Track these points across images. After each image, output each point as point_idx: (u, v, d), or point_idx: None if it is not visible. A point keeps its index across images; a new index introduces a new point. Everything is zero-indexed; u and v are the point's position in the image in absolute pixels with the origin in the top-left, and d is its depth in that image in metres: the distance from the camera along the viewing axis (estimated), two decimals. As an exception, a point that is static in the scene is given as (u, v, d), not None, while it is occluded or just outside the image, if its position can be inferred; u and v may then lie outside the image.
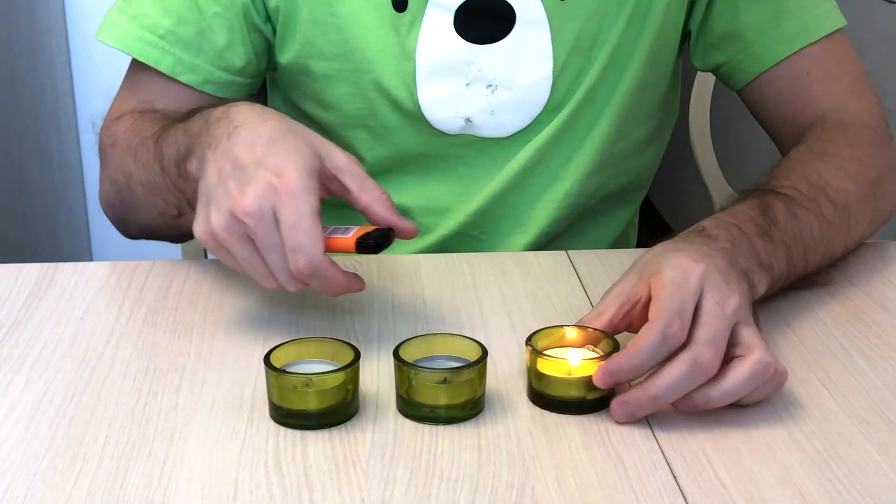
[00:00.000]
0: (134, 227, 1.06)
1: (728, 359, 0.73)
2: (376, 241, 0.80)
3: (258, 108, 0.85)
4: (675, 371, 0.72)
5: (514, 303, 0.90)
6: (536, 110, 1.06)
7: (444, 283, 0.95)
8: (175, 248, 1.34)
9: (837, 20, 1.06)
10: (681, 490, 0.66)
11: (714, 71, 1.12)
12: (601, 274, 0.96)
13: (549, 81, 1.05)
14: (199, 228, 0.80)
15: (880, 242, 1.03)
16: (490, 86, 1.05)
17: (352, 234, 0.80)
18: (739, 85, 1.09)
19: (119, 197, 1.03)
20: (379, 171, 1.10)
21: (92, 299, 0.92)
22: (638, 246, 1.25)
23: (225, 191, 0.78)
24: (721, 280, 0.76)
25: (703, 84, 1.41)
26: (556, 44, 1.04)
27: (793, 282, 0.90)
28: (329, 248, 0.79)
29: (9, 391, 0.78)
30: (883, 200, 1.00)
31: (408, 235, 0.82)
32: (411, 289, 0.94)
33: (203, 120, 0.86)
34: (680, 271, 0.76)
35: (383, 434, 0.72)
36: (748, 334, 0.75)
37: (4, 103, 1.91)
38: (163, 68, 1.04)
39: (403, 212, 1.10)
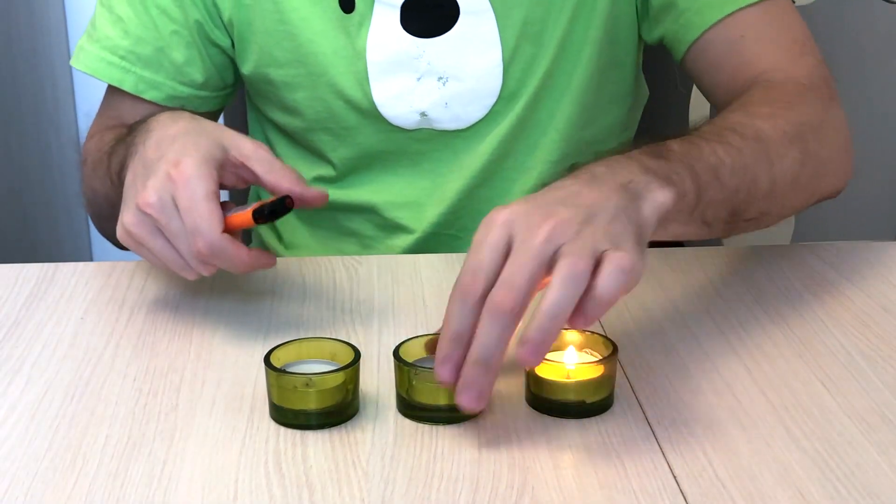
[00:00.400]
0: (114, 239, 1.08)
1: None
2: (271, 208, 0.81)
3: (176, 113, 0.90)
4: (481, 326, 0.67)
5: (514, 303, 0.90)
6: (491, 100, 1.07)
7: (445, 283, 0.95)
8: (175, 249, 1.34)
9: None
10: (681, 490, 0.66)
11: (659, 44, 1.10)
12: (601, 274, 0.95)
13: (500, 70, 1.05)
14: (118, 231, 0.84)
15: (880, 243, 1.03)
16: (441, 78, 1.05)
17: (249, 209, 0.83)
18: (679, 55, 1.07)
19: (92, 211, 1.09)
20: (345, 172, 1.12)
21: (92, 299, 0.92)
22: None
23: (134, 189, 0.83)
24: (528, 215, 0.70)
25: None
26: (503, 32, 1.04)
27: (729, 215, 0.85)
28: (230, 226, 0.82)
29: (9, 391, 0.78)
30: (817, 144, 0.95)
31: (317, 202, 0.84)
32: (411, 289, 0.94)
33: (136, 129, 0.91)
34: (482, 227, 0.70)
35: (383, 434, 0.72)
36: (568, 250, 0.67)
37: (4, 103, 1.91)
38: (126, 87, 1.09)
39: (372, 208, 1.12)
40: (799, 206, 0.96)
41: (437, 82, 1.05)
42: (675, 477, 0.68)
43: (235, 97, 1.17)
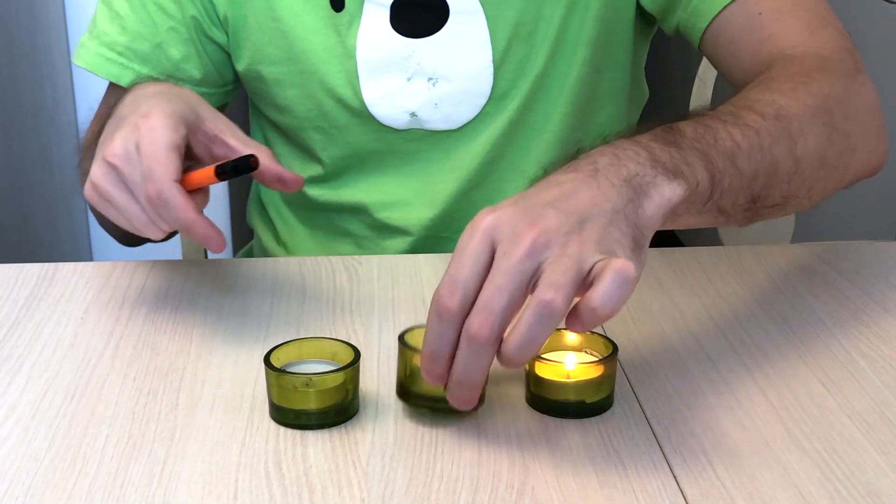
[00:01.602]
0: (112, 231, 1.09)
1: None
2: (234, 164, 0.80)
3: (158, 81, 0.91)
4: (461, 350, 0.66)
5: (514, 303, 0.90)
6: (481, 100, 1.07)
7: (444, 283, 0.95)
8: (175, 248, 1.34)
9: None
10: (681, 490, 0.66)
11: (678, 35, 1.07)
12: (601, 274, 0.95)
13: (490, 71, 1.05)
14: (86, 188, 0.82)
15: (880, 243, 1.04)
16: (431, 79, 1.05)
17: (211, 166, 0.81)
18: (696, 43, 1.05)
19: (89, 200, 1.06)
20: (337, 171, 1.12)
21: (92, 299, 0.92)
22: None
23: (103, 143, 0.82)
24: (514, 222, 0.66)
25: (704, 83, 1.41)
26: (493, 32, 1.04)
27: (749, 202, 0.80)
28: (192, 182, 0.81)
29: (9, 391, 0.78)
30: (843, 117, 0.89)
31: (292, 184, 0.82)
32: (411, 289, 0.94)
33: (121, 100, 0.90)
34: (467, 231, 0.68)
35: (383, 434, 0.72)
36: (550, 269, 0.65)
37: (4, 103, 1.91)
38: (124, 83, 1.09)
39: (364, 209, 1.12)
40: (830, 187, 0.90)
41: (426, 83, 1.05)
42: (675, 477, 0.68)
43: (236, 94, 1.17)
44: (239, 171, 0.79)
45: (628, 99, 1.15)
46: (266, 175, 0.82)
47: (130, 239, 1.06)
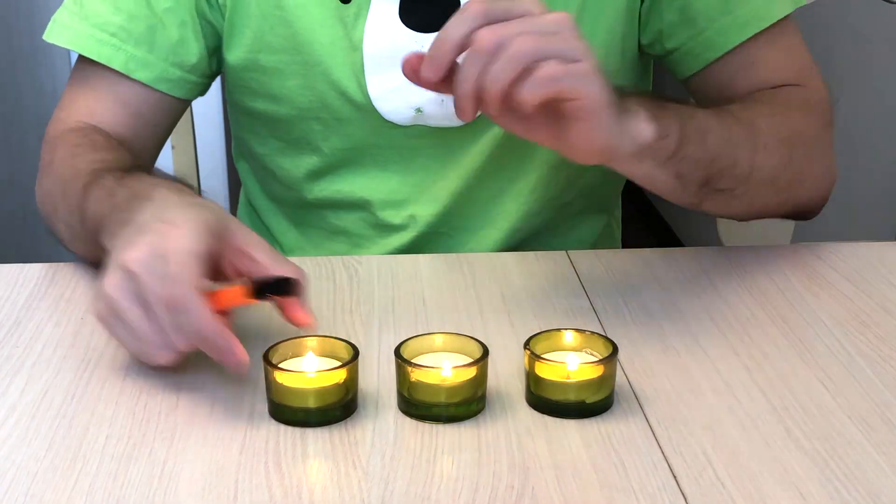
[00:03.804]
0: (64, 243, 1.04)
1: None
2: (272, 286, 0.76)
3: (180, 187, 0.84)
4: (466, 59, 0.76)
5: (514, 303, 0.91)
6: None
7: (444, 283, 0.95)
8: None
9: (787, 6, 1.05)
10: (681, 490, 0.66)
11: (662, 58, 1.09)
12: (601, 274, 0.96)
13: None
14: (92, 305, 0.78)
15: (880, 243, 1.04)
16: None
17: (237, 284, 0.76)
18: (689, 72, 1.08)
19: (47, 221, 1.03)
20: (336, 163, 1.10)
21: (92, 299, 0.92)
22: (623, 246, 1.25)
23: (118, 248, 0.76)
24: (558, 11, 0.79)
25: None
26: None
27: (703, 178, 0.90)
28: (219, 301, 0.75)
29: (9, 391, 0.78)
30: (804, 156, 0.99)
31: (299, 323, 0.79)
32: (411, 289, 0.94)
33: (130, 193, 0.84)
34: None
35: (383, 434, 0.72)
36: (561, 38, 0.77)
37: (4, 103, 1.92)
38: (116, 66, 1.04)
39: (362, 205, 1.11)
40: (772, 207, 1.00)
41: None
42: (675, 477, 0.68)
43: (208, 88, 1.13)
44: (276, 293, 0.76)
45: None
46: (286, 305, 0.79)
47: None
